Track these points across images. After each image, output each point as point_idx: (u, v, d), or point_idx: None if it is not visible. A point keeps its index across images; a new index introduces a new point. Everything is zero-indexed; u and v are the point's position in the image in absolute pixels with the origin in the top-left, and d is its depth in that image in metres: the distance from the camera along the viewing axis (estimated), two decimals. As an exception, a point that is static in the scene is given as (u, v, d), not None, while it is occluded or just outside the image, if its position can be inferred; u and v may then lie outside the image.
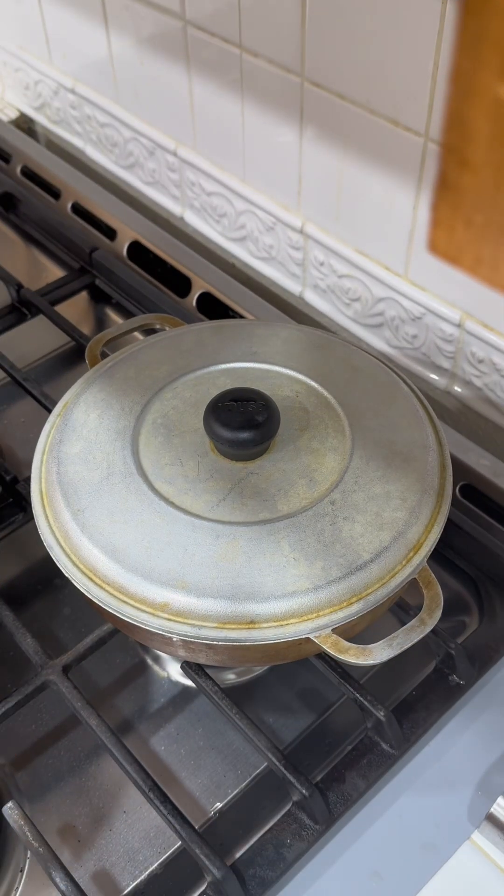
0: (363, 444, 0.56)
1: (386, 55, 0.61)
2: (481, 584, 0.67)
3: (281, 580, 0.49)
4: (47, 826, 0.57)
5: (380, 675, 0.63)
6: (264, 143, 0.77)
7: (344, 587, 0.49)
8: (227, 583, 0.49)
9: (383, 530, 0.51)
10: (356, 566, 0.50)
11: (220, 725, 0.61)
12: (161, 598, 0.49)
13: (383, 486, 0.53)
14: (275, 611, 0.49)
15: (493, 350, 0.67)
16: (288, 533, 0.51)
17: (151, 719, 0.62)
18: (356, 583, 0.50)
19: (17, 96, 1.10)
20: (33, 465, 0.57)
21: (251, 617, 0.49)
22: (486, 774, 0.57)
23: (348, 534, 0.51)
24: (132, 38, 0.84)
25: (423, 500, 0.53)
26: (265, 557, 0.50)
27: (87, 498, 0.53)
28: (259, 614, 0.49)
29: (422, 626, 0.50)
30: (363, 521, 0.52)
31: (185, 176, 0.88)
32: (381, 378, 0.61)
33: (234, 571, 0.50)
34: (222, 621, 0.49)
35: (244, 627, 0.49)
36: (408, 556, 0.51)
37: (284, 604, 0.49)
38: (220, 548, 0.51)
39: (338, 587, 0.49)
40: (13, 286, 0.87)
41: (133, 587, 0.50)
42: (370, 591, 0.50)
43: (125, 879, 0.55)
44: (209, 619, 0.49)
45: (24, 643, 0.60)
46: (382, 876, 0.54)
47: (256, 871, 0.53)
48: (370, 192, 0.69)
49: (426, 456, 0.56)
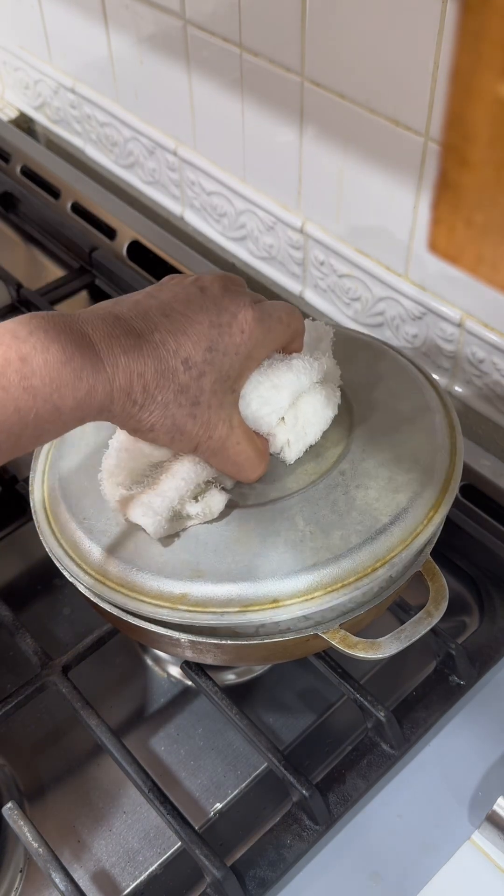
0: (365, 414, 0.55)
1: (386, 55, 0.61)
2: (482, 584, 0.67)
3: (300, 555, 0.48)
4: (47, 826, 0.57)
5: (380, 675, 0.63)
6: (264, 142, 0.77)
7: (366, 554, 0.48)
8: (243, 565, 0.48)
9: (399, 492, 0.50)
10: (376, 530, 0.48)
11: (220, 725, 0.61)
12: (178, 589, 0.48)
13: (392, 451, 0.52)
14: (298, 586, 0.47)
15: (493, 350, 0.67)
16: (301, 508, 0.50)
17: (151, 719, 0.62)
18: (378, 548, 0.48)
19: (16, 96, 1.10)
20: (33, 486, 0.56)
21: (274, 595, 0.47)
22: (486, 774, 0.57)
23: (363, 500, 0.50)
24: (132, 37, 0.84)
25: (437, 458, 0.52)
26: (280, 535, 0.49)
27: (91, 507, 0.52)
28: (282, 591, 0.47)
29: (429, 619, 0.49)
30: (377, 487, 0.50)
31: (185, 175, 0.88)
32: (371, 350, 0.60)
33: (251, 553, 0.48)
34: (244, 604, 0.47)
35: (268, 608, 0.47)
36: (428, 515, 0.50)
37: (306, 578, 0.47)
38: (232, 532, 0.50)
39: (360, 554, 0.48)
40: (13, 286, 0.87)
41: (148, 584, 0.48)
42: (394, 555, 0.48)
43: (125, 880, 0.55)
44: (231, 605, 0.47)
45: (24, 643, 0.60)
46: (382, 876, 0.54)
47: (256, 871, 0.53)
48: (370, 191, 0.69)
49: (432, 417, 0.55)
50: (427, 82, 0.60)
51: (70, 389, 0.40)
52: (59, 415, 0.40)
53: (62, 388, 0.40)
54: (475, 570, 0.68)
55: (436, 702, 0.59)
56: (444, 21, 0.56)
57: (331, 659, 0.58)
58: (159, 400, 0.43)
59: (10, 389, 0.38)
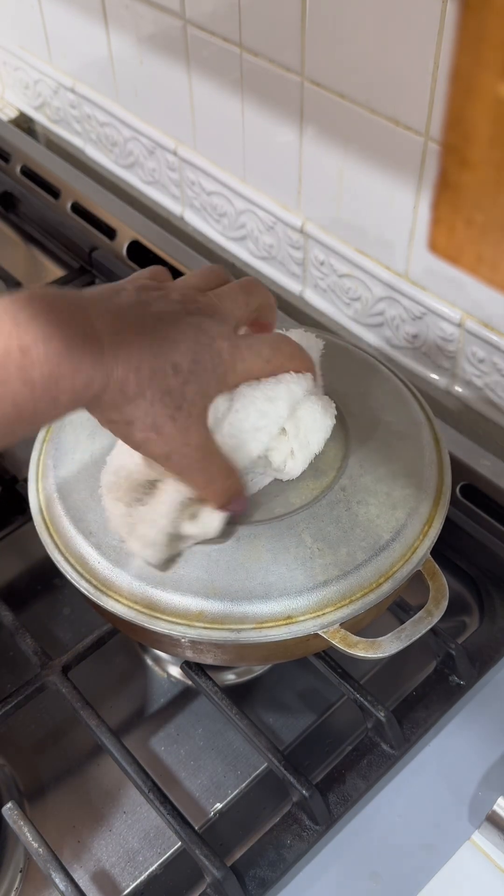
0: (357, 428, 0.56)
1: (386, 55, 0.61)
2: (481, 584, 0.67)
3: (310, 572, 0.50)
4: (47, 826, 0.56)
5: (380, 675, 0.63)
6: (264, 142, 0.77)
7: (371, 570, 0.50)
8: (257, 582, 0.49)
9: (397, 509, 0.52)
10: (379, 547, 0.50)
11: (220, 725, 0.61)
12: (195, 607, 0.49)
13: (387, 467, 0.54)
14: (310, 603, 0.49)
15: (493, 350, 0.67)
16: (307, 525, 0.51)
17: (151, 719, 0.62)
18: (382, 563, 0.50)
19: (16, 95, 1.10)
20: (30, 494, 0.56)
21: (289, 613, 0.49)
22: (486, 774, 0.57)
23: (365, 517, 0.52)
24: (132, 37, 0.84)
25: (427, 474, 0.54)
26: (290, 552, 0.50)
27: (95, 522, 0.52)
28: (296, 608, 0.49)
29: (429, 618, 0.50)
30: (377, 503, 0.52)
31: (185, 175, 0.88)
32: (356, 360, 0.61)
33: (263, 570, 0.50)
34: (260, 621, 0.49)
35: (283, 624, 0.49)
36: (423, 530, 0.52)
37: (318, 595, 0.49)
38: (243, 549, 0.51)
39: (366, 570, 0.50)
40: (13, 286, 0.87)
41: (164, 601, 0.49)
42: (395, 570, 0.50)
43: (125, 880, 0.55)
44: (247, 621, 0.49)
45: (24, 643, 0.60)
46: (382, 876, 0.54)
47: (256, 871, 0.53)
48: (370, 191, 0.69)
49: (420, 432, 0.56)
50: (427, 82, 0.60)
51: (69, 381, 0.40)
52: (56, 406, 0.40)
53: (61, 380, 0.39)
54: (475, 570, 0.68)
55: (436, 702, 0.59)
56: (444, 21, 0.56)
57: (331, 659, 0.58)
58: (147, 396, 0.43)
59: (10, 383, 0.38)
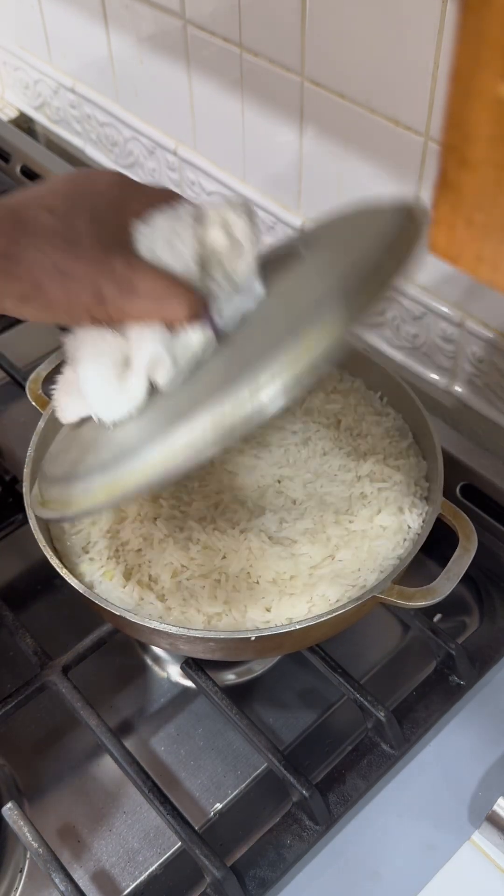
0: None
1: (386, 55, 0.61)
2: (481, 584, 0.67)
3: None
4: (47, 826, 0.56)
5: (380, 675, 0.63)
6: (264, 142, 0.77)
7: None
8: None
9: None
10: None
11: (220, 725, 0.61)
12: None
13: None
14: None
15: (493, 350, 0.67)
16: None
17: (151, 719, 0.62)
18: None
19: (16, 95, 1.10)
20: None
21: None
22: (486, 774, 0.57)
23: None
24: (132, 37, 0.84)
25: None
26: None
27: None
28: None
29: (467, 553, 0.52)
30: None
31: (185, 175, 0.88)
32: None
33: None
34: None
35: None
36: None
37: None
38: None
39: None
40: (13, 286, 0.87)
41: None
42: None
43: (125, 880, 0.55)
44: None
45: (24, 643, 0.60)
46: (382, 876, 0.54)
47: (256, 871, 0.53)
48: (370, 191, 0.69)
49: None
50: (427, 82, 0.60)
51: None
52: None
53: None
54: (475, 570, 0.68)
55: (436, 702, 0.59)
56: (444, 21, 0.56)
57: (331, 659, 0.58)
58: (29, 245, 0.44)
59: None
